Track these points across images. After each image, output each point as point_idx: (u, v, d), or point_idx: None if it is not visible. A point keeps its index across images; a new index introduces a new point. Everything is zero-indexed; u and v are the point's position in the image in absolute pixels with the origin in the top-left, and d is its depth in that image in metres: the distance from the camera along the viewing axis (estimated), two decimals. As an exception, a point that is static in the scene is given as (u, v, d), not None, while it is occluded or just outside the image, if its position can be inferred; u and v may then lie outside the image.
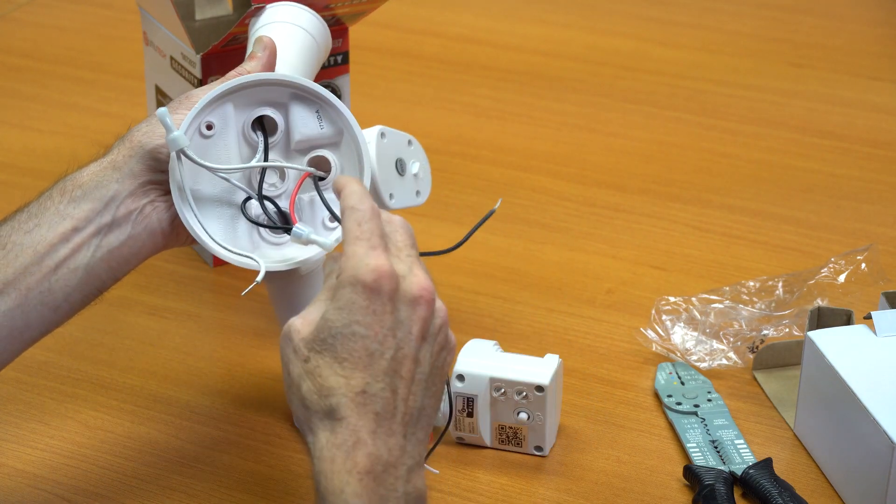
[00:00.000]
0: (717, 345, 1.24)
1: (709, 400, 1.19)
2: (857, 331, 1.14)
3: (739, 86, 1.77)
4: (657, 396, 1.21)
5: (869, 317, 1.15)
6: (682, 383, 1.21)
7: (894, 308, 1.18)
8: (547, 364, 1.13)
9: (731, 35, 1.92)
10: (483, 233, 1.33)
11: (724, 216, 1.48)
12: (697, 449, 1.14)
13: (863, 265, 1.26)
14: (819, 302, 1.25)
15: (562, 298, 1.34)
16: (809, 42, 1.90)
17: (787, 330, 1.24)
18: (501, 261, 1.40)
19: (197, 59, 1.31)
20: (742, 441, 1.14)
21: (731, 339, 1.24)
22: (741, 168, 1.58)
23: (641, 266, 1.39)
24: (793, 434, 1.17)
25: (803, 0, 2.03)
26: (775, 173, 1.57)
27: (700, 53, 1.86)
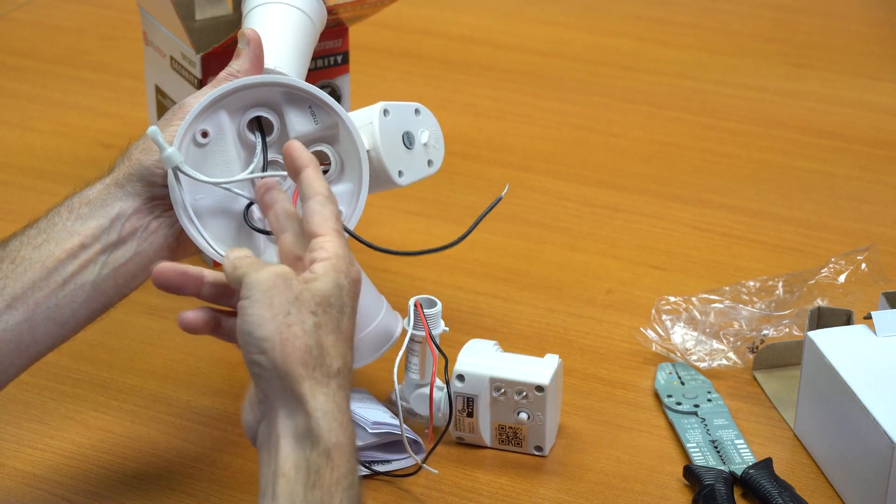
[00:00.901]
0: (717, 345, 1.24)
1: (709, 400, 1.19)
2: (857, 331, 1.14)
3: (739, 86, 1.77)
4: (657, 396, 1.20)
5: (869, 317, 1.15)
6: (682, 383, 1.21)
7: (894, 308, 1.18)
8: (547, 364, 1.13)
9: (731, 35, 1.92)
10: (483, 233, 1.33)
11: (724, 216, 1.48)
12: (697, 449, 1.14)
13: (863, 265, 1.26)
14: (819, 302, 1.25)
15: (562, 298, 1.34)
16: (809, 42, 1.90)
17: (787, 330, 1.24)
18: (501, 261, 1.40)
19: (197, 59, 1.31)
20: (742, 441, 1.14)
21: (731, 339, 1.24)
22: (741, 168, 1.58)
23: (641, 266, 1.39)
24: (793, 434, 1.17)
25: (803, 0, 2.03)
26: (775, 173, 1.57)
27: (700, 53, 1.86)
